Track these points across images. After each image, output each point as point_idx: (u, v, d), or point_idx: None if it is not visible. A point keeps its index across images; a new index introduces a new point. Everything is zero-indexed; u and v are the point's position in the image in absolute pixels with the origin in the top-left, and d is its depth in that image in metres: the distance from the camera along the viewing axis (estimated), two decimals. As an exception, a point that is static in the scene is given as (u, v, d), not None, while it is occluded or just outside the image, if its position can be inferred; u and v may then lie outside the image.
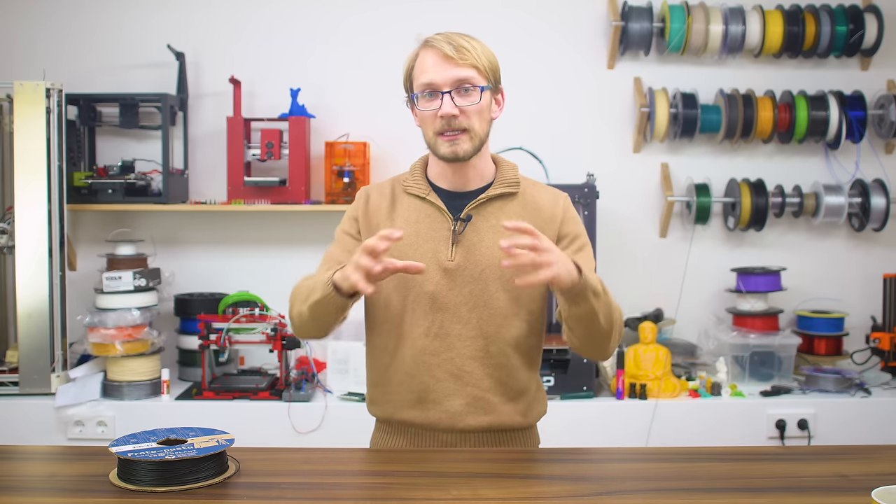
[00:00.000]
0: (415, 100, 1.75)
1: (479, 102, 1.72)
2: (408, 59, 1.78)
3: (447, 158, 1.74)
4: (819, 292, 3.42)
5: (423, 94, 1.73)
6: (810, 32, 3.30)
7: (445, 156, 1.74)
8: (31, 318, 2.89)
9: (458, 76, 1.70)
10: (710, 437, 2.88)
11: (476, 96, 1.72)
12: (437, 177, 1.82)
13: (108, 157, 3.31)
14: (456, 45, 1.71)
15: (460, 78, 1.70)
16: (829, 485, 1.51)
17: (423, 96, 1.73)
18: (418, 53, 1.76)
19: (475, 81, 1.72)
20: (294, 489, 1.47)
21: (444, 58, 1.70)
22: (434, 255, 1.76)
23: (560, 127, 3.39)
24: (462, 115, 1.71)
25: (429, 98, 1.72)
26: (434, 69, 1.71)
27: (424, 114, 1.74)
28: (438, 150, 1.74)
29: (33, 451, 1.81)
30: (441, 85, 1.71)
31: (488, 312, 1.76)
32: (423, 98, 1.73)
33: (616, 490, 1.50)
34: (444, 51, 1.70)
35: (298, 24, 3.36)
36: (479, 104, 1.73)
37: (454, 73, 1.70)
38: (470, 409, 1.77)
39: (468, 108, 1.72)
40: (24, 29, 3.33)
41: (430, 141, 1.76)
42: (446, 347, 1.76)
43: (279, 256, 3.37)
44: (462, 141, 1.73)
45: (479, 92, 1.72)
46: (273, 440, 2.78)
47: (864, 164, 3.43)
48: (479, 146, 1.75)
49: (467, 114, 1.72)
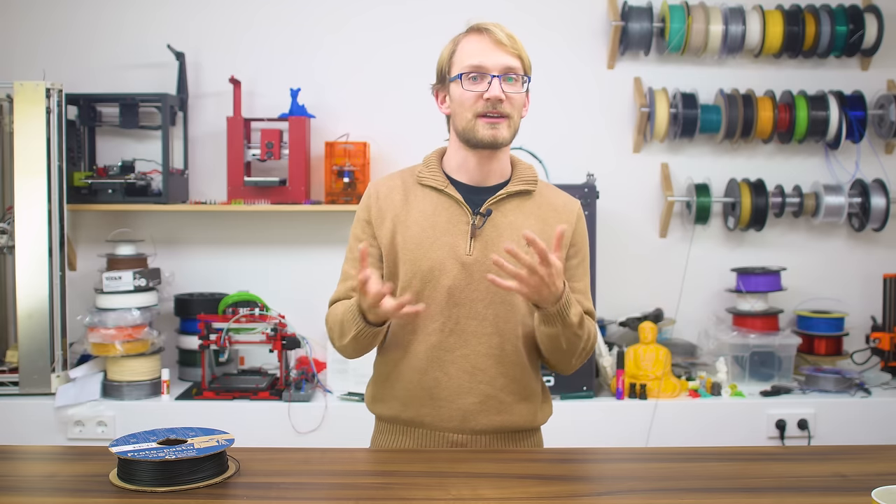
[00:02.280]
0: (458, 79, 1.73)
1: (522, 92, 1.74)
2: (450, 41, 1.79)
3: (484, 142, 1.73)
4: (819, 292, 3.43)
5: (468, 77, 1.72)
6: (810, 32, 3.30)
7: (483, 139, 1.72)
8: (31, 318, 2.89)
9: (508, 63, 1.72)
10: (710, 437, 2.88)
11: (520, 86, 1.74)
12: (456, 169, 1.80)
13: (108, 157, 3.31)
14: (507, 33, 1.73)
15: (509, 66, 1.72)
16: (828, 485, 1.51)
17: (468, 78, 1.72)
18: (463, 37, 1.77)
19: (520, 72, 1.74)
20: (294, 489, 1.47)
21: (495, 43, 1.72)
22: (452, 249, 1.75)
23: (560, 127, 3.39)
24: (507, 101, 1.72)
25: (474, 81, 1.72)
26: (485, 53, 1.72)
27: (466, 94, 1.72)
28: (476, 132, 1.73)
29: (33, 451, 1.81)
30: (491, 68, 1.71)
31: (505, 309, 1.75)
32: (468, 80, 1.72)
33: (616, 490, 1.50)
34: (496, 36, 1.72)
35: (298, 24, 3.36)
36: (522, 95, 1.75)
37: (505, 59, 1.71)
38: (482, 408, 1.75)
39: (513, 96, 1.73)
40: (24, 29, 3.33)
41: (466, 124, 1.74)
42: (462, 343, 1.75)
43: (279, 256, 3.37)
44: (502, 127, 1.73)
45: (523, 82, 1.74)
46: (273, 440, 2.79)
47: (864, 164, 3.43)
48: (512, 137, 1.76)
49: (511, 101, 1.73)
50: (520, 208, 1.79)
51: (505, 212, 1.77)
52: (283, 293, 3.30)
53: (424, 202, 1.79)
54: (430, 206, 1.78)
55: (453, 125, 1.79)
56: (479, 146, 1.74)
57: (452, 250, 1.74)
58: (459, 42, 1.76)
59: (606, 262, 3.26)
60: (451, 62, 1.77)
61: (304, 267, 3.34)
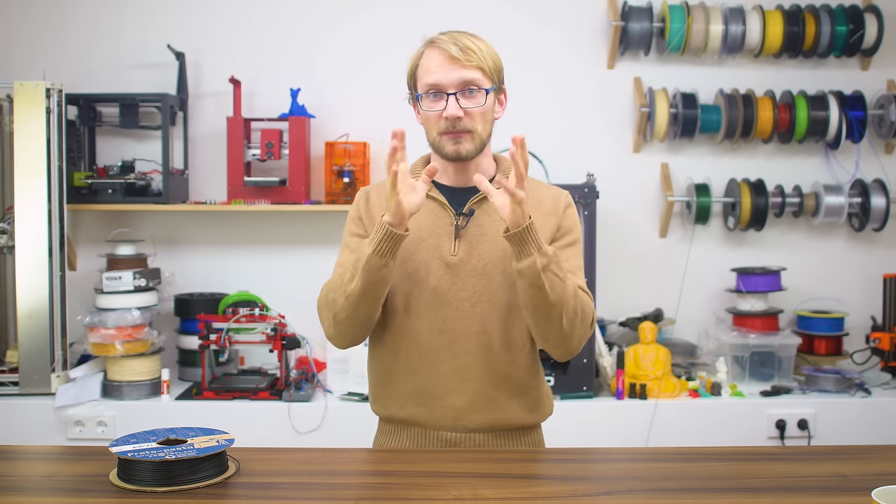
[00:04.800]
0: (419, 99, 1.75)
1: (483, 105, 1.73)
2: (412, 57, 1.78)
3: (450, 158, 1.75)
4: (819, 292, 3.42)
5: (428, 95, 1.73)
6: (810, 32, 3.30)
7: (449, 155, 1.75)
8: (31, 318, 2.89)
9: (464, 78, 1.70)
10: (710, 437, 2.88)
11: (481, 98, 1.72)
12: (439, 174, 1.81)
13: (108, 157, 3.31)
14: (462, 45, 1.71)
15: (466, 80, 1.70)
16: (828, 485, 1.51)
17: (428, 96, 1.73)
18: (423, 52, 1.76)
19: (480, 83, 1.72)
20: (294, 489, 1.47)
21: (449, 59, 1.70)
22: (437, 250, 1.76)
23: (560, 127, 3.39)
24: (466, 116, 1.71)
25: (433, 98, 1.72)
26: (440, 70, 1.71)
27: (428, 114, 1.74)
28: (442, 149, 1.75)
29: (33, 451, 1.81)
30: (446, 86, 1.71)
31: (491, 307, 1.76)
32: (428, 98, 1.73)
33: (616, 490, 1.50)
34: (450, 52, 1.70)
35: (298, 23, 3.36)
36: (484, 106, 1.73)
37: (460, 74, 1.70)
38: (473, 406, 1.76)
39: (473, 110, 1.72)
40: (24, 29, 3.33)
41: (433, 140, 1.77)
42: (450, 343, 1.76)
43: (279, 256, 3.37)
44: (465, 141, 1.73)
45: (484, 94, 1.72)
46: (273, 440, 2.79)
47: (864, 164, 3.43)
48: (481, 147, 1.76)
49: (472, 115, 1.72)
50: None
51: (488, 210, 1.78)
52: (283, 293, 3.30)
53: None
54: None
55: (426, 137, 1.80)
56: (446, 160, 1.76)
57: (437, 251, 1.76)
58: (421, 56, 1.76)
59: (606, 262, 3.25)
60: (415, 77, 1.77)
61: (305, 267, 3.34)
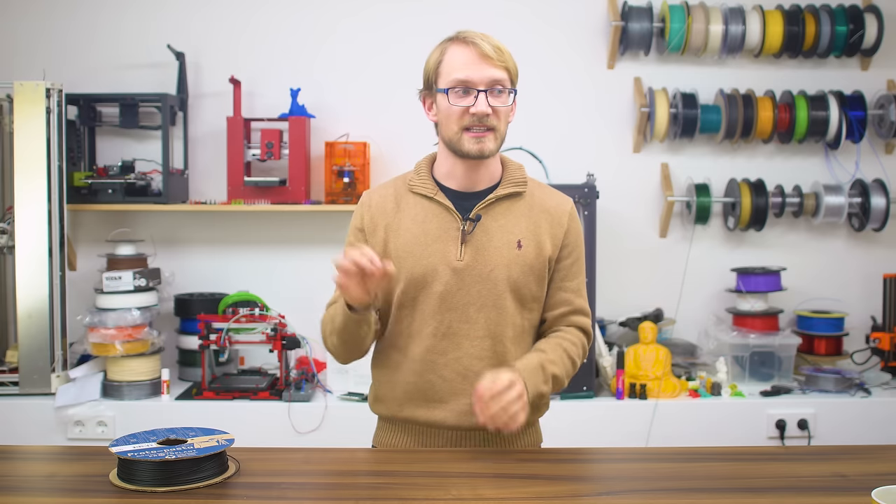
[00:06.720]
0: (446, 94, 1.73)
1: (508, 105, 1.74)
2: (434, 51, 1.78)
3: (471, 155, 1.74)
4: (819, 292, 3.42)
5: (455, 90, 1.72)
6: (810, 32, 3.30)
7: (470, 152, 1.74)
8: (31, 318, 2.89)
9: (494, 77, 1.71)
10: (710, 437, 2.88)
11: (507, 98, 1.74)
12: (446, 176, 1.81)
13: (108, 157, 3.31)
14: (493, 45, 1.72)
15: (495, 79, 1.71)
16: (828, 485, 1.51)
17: (455, 92, 1.72)
18: (447, 48, 1.75)
19: (507, 84, 1.73)
20: (294, 489, 1.48)
21: (481, 56, 1.71)
22: (443, 255, 1.76)
23: (560, 127, 3.39)
24: (493, 114, 1.72)
25: (461, 94, 1.72)
26: (471, 66, 1.71)
27: (453, 109, 1.72)
28: (462, 146, 1.74)
29: (33, 451, 1.81)
30: (477, 83, 1.71)
31: (496, 312, 1.77)
32: (455, 94, 1.72)
33: (616, 490, 1.50)
34: (482, 49, 1.71)
35: (298, 24, 3.36)
36: (508, 107, 1.75)
37: (491, 72, 1.71)
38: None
39: (500, 109, 1.73)
40: (24, 29, 3.33)
41: (451, 136, 1.75)
42: (454, 347, 1.77)
43: (279, 256, 3.37)
44: (488, 139, 1.73)
45: (510, 94, 1.74)
46: (273, 440, 2.78)
47: (864, 164, 3.43)
48: (500, 146, 1.77)
49: (497, 114, 1.73)
50: (510, 211, 1.80)
51: (495, 215, 1.78)
52: (283, 293, 3.30)
53: (415, 209, 1.80)
54: (421, 214, 1.79)
55: (441, 134, 1.79)
56: (465, 157, 1.76)
57: (444, 257, 1.76)
58: (446, 51, 1.75)
59: (606, 262, 3.26)
60: (437, 72, 1.76)
61: (304, 267, 3.34)
